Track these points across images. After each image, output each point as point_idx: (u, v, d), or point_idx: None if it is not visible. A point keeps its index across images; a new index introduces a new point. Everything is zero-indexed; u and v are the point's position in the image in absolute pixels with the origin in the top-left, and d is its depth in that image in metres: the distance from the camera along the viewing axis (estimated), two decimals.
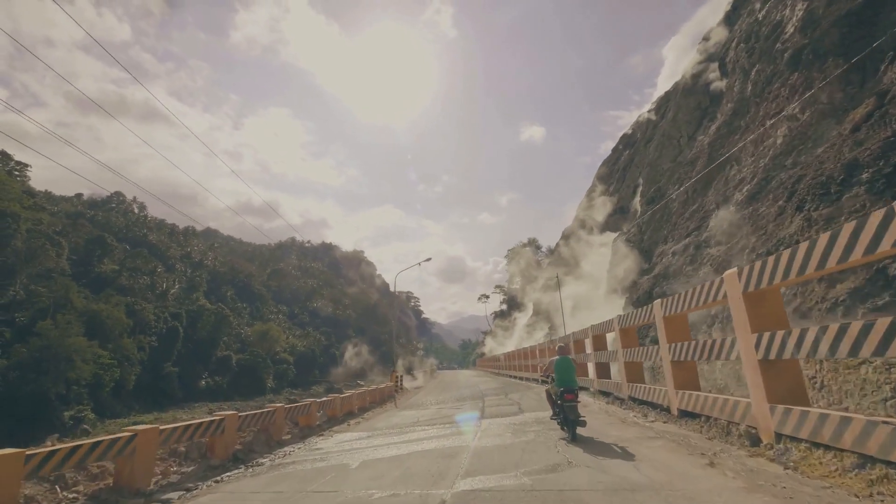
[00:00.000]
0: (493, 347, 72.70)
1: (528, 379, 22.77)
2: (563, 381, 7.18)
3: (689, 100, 25.95)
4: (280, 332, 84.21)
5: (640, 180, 29.91)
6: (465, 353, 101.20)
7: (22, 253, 52.03)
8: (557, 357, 7.63)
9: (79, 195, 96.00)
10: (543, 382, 8.51)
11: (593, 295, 28.42)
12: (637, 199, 29.98)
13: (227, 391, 69.27)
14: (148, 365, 57.37)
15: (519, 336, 52.26)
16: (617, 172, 36.19)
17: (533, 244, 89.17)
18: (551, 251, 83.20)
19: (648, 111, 35.15)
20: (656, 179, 27.03)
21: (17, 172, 60.21)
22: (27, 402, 39.83)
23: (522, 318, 59.10)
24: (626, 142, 39.25)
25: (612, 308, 24.83)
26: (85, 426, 45.32)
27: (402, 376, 24.61)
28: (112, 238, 69.21)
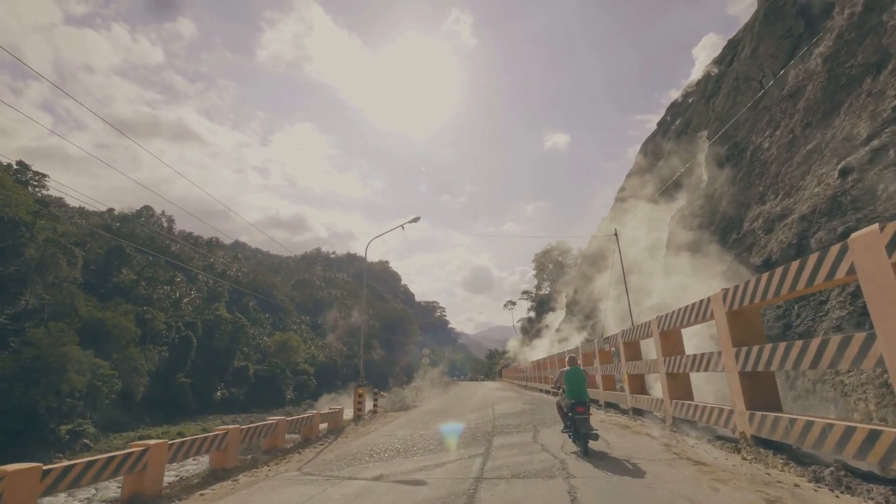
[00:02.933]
0: (517, 351, 65.78)
1: None
2: (573, 393, 6.68)
3: (774, 28, 19.55)
4: (300, 342, 79.64)
5: (706, 140, 23.42)
6: (490, 364, 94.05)
7: (32, 262, 49.10)
8: (567, 368, 7.07)
9: (110, 210, 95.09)
10: (553, 394, 8.29)
11: (646, 277, 21.88)
12: (702, 163, 23.47)
13: (244, 403, 64.84)
14: (159, 376, 53.41)
15: (550, 340, 45.07)
16: (668, 142, 29.79)
17: (562, 247, 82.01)
18: (581, 253, 76.03)
19: (708, 66, 28.83)
20: (729, 135, 20.56)
21: (34, 183, 58.02)
22: (18, 416, 35.68)
23: (555, 320, 51.94)
24: (676, 110, 32.88)
25: (673, 291, 18.28)
26: (86, 440, 41.17)
27: (376, 393, 18.37)
28: (131, 248, 66.32)
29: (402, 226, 17.33)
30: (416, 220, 17.33)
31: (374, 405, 16.77)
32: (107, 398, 42.47)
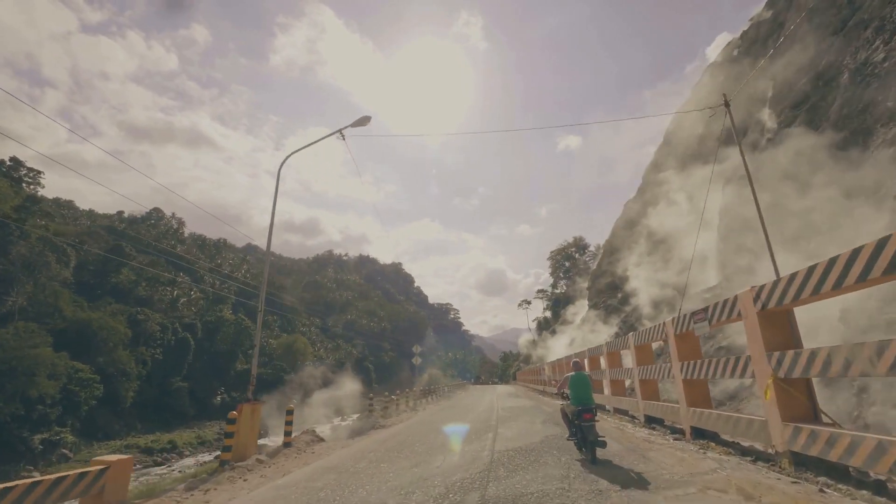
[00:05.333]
0: (532, 350, 59.86)
1: (608, 409, 11.03)
2: (579, 399, 6.28)
3: None
4: (307, 344, 75.21)
5: (769, 86, 17.80)
6: (504, 366, 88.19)
7: (20, 261, 45.61)
8: (572, 373, 6.69)
9: (120, 212, 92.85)
10: (560, 396, 7.37)
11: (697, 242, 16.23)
12: (766, 112, 17.83)
13: None
14: (153, 380, 49.29)
15: (570, 335, 38.80)
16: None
17: (579, 243, 75.76)
18: (599, 248, 69.99)
19: (758, 13, 23.36)
20: (798, 76, 15.04)
21: (28, 180, 54.96)
22: None
23: (576, 313, 45.74)
24: (714, 72, 27.13)
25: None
26: (64, 451, 37.06)
27: (291, 411, 10.74)
28: (131, 248, 62.96)
29: (340, 131, 11.88)
30: (363, 121, 11.76)
31: (288, 436, 10.23)
32: (86, 404, 38.25)
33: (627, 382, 10.17)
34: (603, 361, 12.11)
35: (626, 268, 25.75)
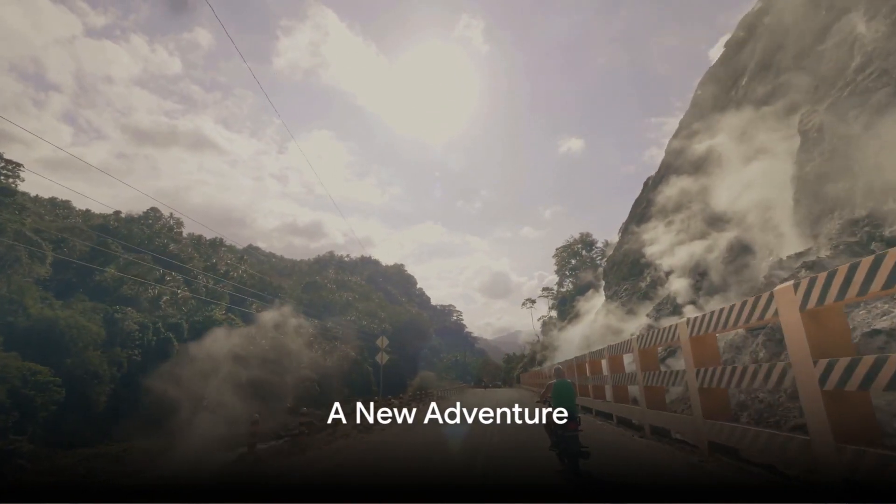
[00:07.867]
0: (537, 349, 54.90)
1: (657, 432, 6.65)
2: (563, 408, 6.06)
3: None
4: (303, 346, 70.83)
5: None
6: (508, 368, 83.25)
7: None
8: (555, 381, 6.42)
9: (117, 212, 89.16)
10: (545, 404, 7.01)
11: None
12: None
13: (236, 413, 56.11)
14: (132, 383, 45.00)
15: (582, 333, 33.67)
16: (749, 70, 19.35)
17: (585, 240, 70.81)
18: (606, 247, 65.08)
19: None
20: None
21: (7, 172, 51.01)
22: None
23: (587, 308, 40.70)
24: (741, 40, 22.32)
25: None
26: (20, 461, 32.75)
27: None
28: (118, 245, 59.09)
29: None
30: None
31: None
32: (44, 410, 33.90)
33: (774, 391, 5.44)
34: (685, 354, 7.58)
35: (653, 246, 21.11)
